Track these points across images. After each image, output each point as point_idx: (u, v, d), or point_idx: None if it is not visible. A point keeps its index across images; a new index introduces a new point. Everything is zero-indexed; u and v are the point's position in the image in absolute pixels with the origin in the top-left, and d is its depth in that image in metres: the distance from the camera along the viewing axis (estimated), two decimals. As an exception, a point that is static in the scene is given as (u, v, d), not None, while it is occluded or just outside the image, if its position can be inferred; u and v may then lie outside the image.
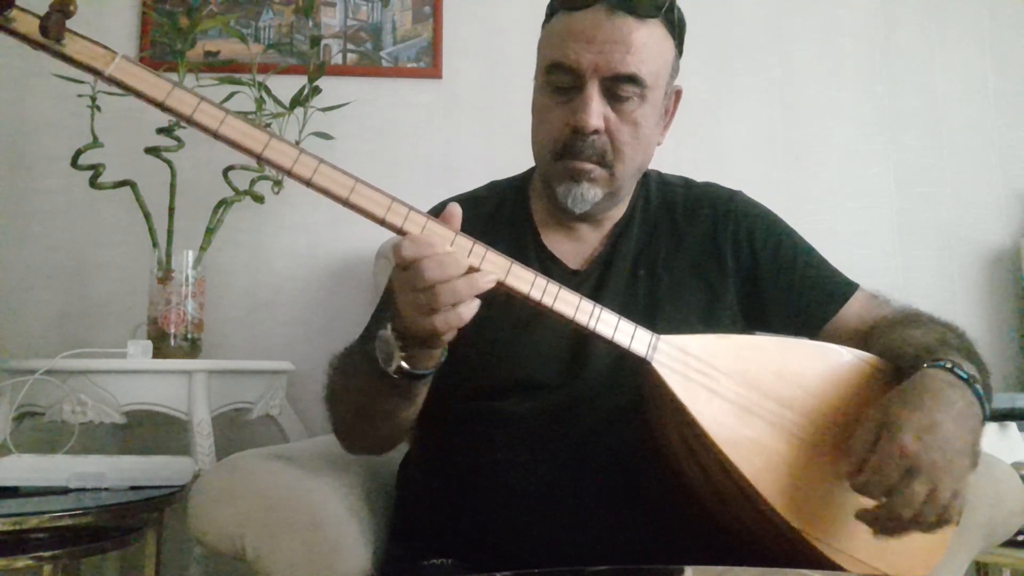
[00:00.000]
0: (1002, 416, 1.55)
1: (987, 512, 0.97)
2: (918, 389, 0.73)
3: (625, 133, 0.90)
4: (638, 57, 0.87)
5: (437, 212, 0.75)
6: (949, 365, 0.76)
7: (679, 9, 0.93)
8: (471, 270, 0.70)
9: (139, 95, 0.66)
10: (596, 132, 0.89)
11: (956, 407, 0.72)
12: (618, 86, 0.88)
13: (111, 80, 0.66)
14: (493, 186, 1.10)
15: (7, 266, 1.83)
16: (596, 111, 0.88)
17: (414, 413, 0.87)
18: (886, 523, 0.70)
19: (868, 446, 0.71)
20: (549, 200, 0.98)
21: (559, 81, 0.90)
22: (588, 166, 0.91)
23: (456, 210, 0.74)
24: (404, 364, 0.75)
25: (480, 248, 0.72)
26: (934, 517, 0.69)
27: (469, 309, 0.70)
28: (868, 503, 0.71)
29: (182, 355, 1.58)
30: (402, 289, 0.71)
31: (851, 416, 0.79)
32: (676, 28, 0.93)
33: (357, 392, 0.85)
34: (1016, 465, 1.18)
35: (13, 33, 0.63)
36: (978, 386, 0.75)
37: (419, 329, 0.71)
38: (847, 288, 0.99)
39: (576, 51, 0.87)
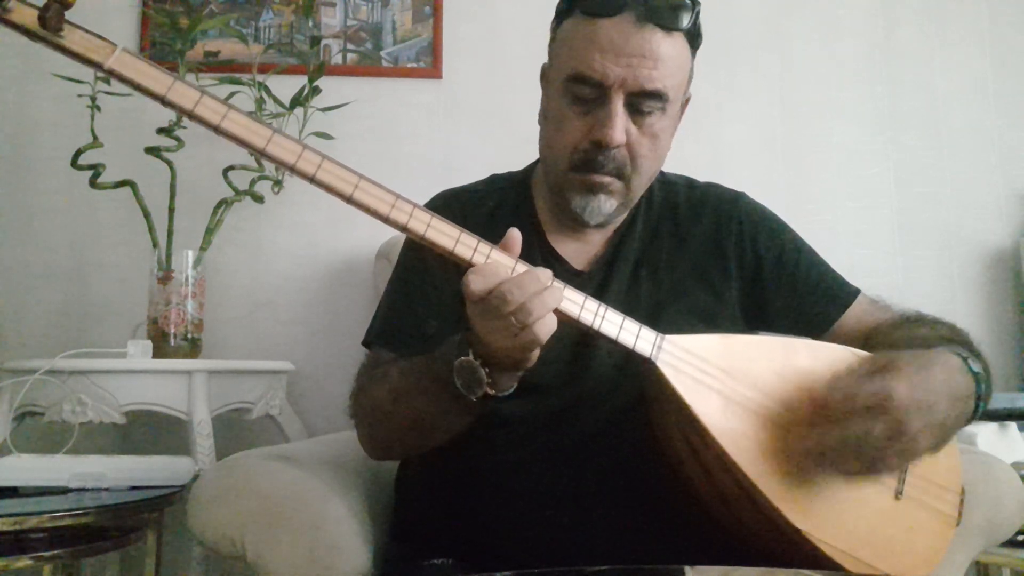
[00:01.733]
0: (1002, 416, 1.55)
1: (987, 512, 0.97)
2: (932, 357, 0.74)
3: (644, 146, 0.89)
4: (664, 72, 0.86)
5: (435, 206, 0.75)
6: (964, 355, 0.77)
7: (700, 28, 0.91)
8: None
9: (140, 89, 0.65)
10: (617, 146, 0.87)
11: (957, 391, 0.73)
12: (642, 101, 0.86)
13: (111, 73, 0.65)
14: (492, 181, 1.09)
15: (7, 266, 1.83)
16: (621, 126, 0.86)
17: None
18: (827, 440, 0.70)
19: (860, 378, 0.71)
20: (560, 208, 0.96)
21: (581, 92, 0.87)
22: (607, 179, 0.89)
23: (516, 235, 0.73)
24: (489, 391, 0.74)
25: (485, 246, 0.72)
26: (868, 461, 0.69)
27: (547, 326, 0.69)
28: (869, 506, 0.71)
29: (182, 355, 1.58)
30: (484, 319, 0.69)
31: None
32: (695, 37, 0.92)
33: (417, 412, 0.83)
34: (1016, 465, 1.18)
35: (11, 24, 0.62)
36: (983, 384, 0.76)
37: (510, 352, 0.71)
38: (849, 293, 0.99)
39: (602, 63, 0.84)
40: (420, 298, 0.98)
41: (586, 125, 0.88)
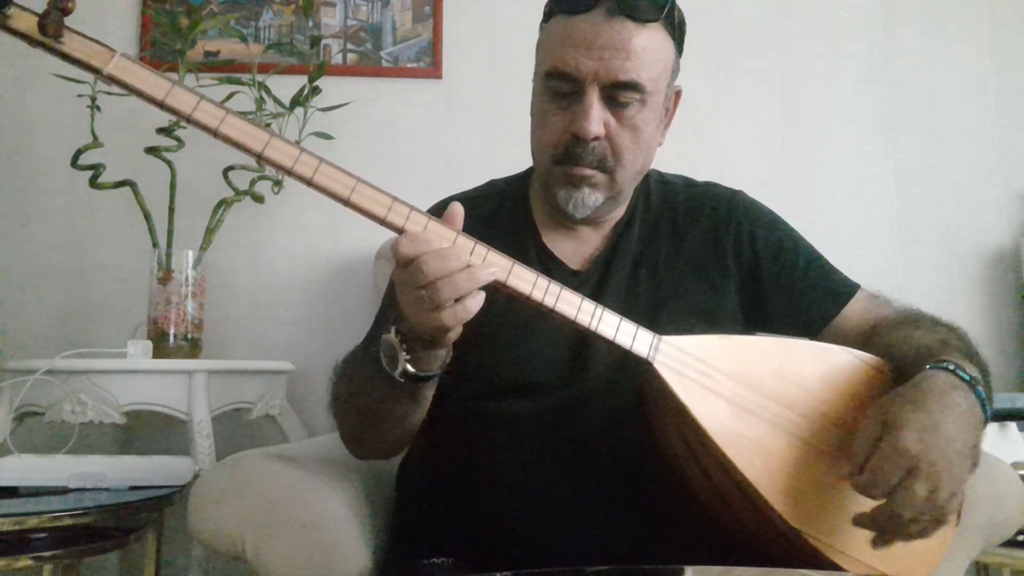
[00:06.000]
0: (1002, 416, 1.55)
1: (987, 512, 0.97)
2: (921, 390, 0.73)
3: (625, 138, 0.90)
4: (638, 63, 0.87)
5: (437, 212, 0.75)
6: (952, 367, 0.76)
7: (679, 10, 0.92)
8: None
9: (139, 94, 0.66)
10: (596, 139, 0.88)
11: (958, 409, 0.72)
12: (618, 92, 0.87)
13: (110, 79, 0.65)
14: (491, 185, 1.10)
15: (7, 266, 1.83)
16: (596, 118, 0.87)
17: (420, 416, 0.87)
18: (885, 524, 0.70)
19: (869, 446, 0.71)
20: (549, 204, 0.97)
21: (558, 87, 0.89)
22: (588, 172, 0.90)
23: (458, 209, 0.74)
24: (409, 367, 0.75)
25: (481, 248, 0.72)
26: (931, 518, 0.69)
27: (475, 302, 0.69)
28: (868, 504, 0.71)
29: (182, 355, 1.58)
30: (404, 288, 0.70)
31: (852, 417, 0.79)
32: (676, 29, 0.92)
33: (363, 398, 0.85)
34: (1016, 465, 1.18)
35: (11, 31, 0.63)
36: (980, 388, 0.75)
37: (424, 328, 0.71)
38: (848, 288, 0.99)
39: (575, 58, 0.86)
40: None
41: (565, 120, 0.90)
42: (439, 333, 0.71)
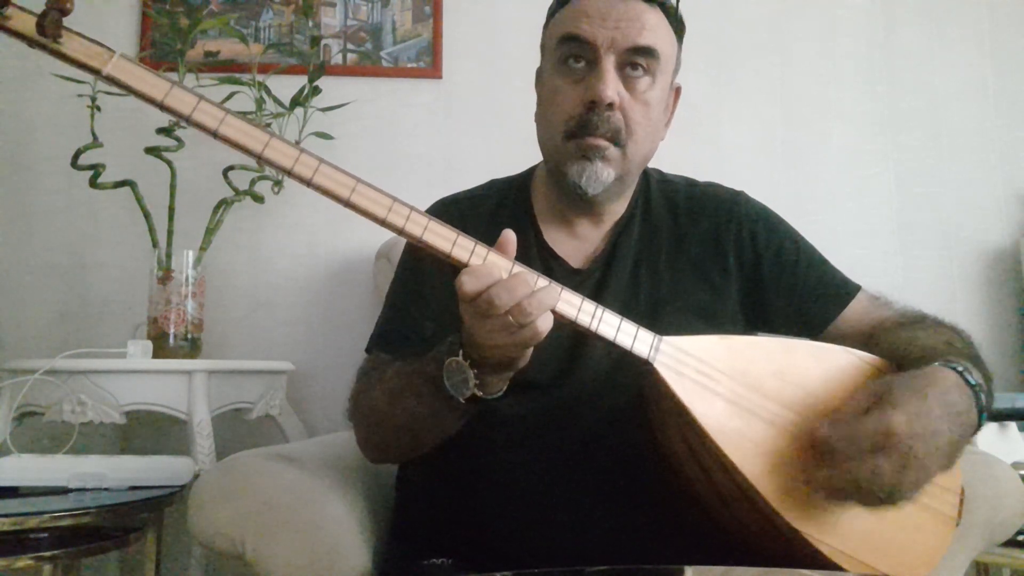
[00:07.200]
0: (1002, 416, 1.55)
1: (987, 512, 0.97)
2: (926, 379, 0.74)
3: (638, 112, 0.91)
4: (651, 34, 0.89)
5: (435, 212, 0.75)
6: (960, 368, 0.76)
7: (680, 15, 0.95)
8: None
9: (138, 94, 0.66)
10: (611, 107, 0.89)
11: (956, 409, 0.73)
12: (634, 57, 0.89)
13: (109, 79, 0.65)
14: (492, 184, 1.10)
15: (7, 266, 1.83)
16: (613, 83, 0.88)
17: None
18: (837, 484, 0.70)
19: (857, 413, 0.71)
20: (559, 186, 0.97)
21: (574, 52, 0.90)
22: (602, 143, 0.90)
23: (511, 236, 0.73)
24: (478, 392, 0.74)
25: (482, 249, 0.72)
26: (884, 497, 0.69)
27: (545, 324, 0.70)
28: (863, 508, 0.71)
29: (182, 355, 1.58)
30: (474, 320, 0.70)
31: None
32: (678, 25, 0.95)
33: (409, 413, 0.83)
34: (1016, 465, 1.18)
35: (9, 31, 0.63)
36: (983, 395, 0.76)
37: (499, 354, 0.71)
38: (849, 290, 0.99)
39: (591, 26, 0.89)
40: (417, 301, 0.98)
41: (579, 91, 0.90)
42: (514, 358, 0.72)
